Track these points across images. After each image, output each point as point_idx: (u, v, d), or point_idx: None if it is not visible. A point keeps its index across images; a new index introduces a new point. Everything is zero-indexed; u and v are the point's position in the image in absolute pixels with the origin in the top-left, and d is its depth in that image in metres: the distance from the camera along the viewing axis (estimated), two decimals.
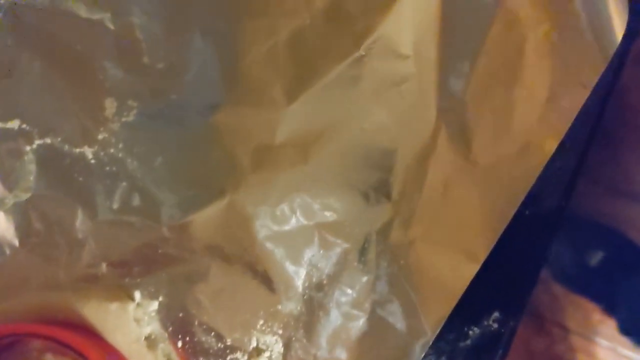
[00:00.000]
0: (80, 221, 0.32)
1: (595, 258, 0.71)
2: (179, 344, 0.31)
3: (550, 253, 0.31)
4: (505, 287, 0.31)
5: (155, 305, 0.31)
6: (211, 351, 0.31)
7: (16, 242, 0.32)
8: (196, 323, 0.31)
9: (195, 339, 0.31)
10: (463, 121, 0.30)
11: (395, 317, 0.30)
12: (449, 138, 0.30)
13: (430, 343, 0.30)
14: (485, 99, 0.30)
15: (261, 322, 0.31)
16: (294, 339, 0.31)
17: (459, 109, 0.30)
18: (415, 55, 0.30)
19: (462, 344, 0.31)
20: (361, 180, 0.31)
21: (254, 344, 0.31)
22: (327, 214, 0.31)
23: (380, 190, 0.31)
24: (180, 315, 0.31)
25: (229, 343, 0.31)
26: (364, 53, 0.31)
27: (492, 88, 0.30)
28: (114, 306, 0.31)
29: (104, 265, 0.32)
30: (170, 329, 0.31)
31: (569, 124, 0.30)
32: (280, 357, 0.30)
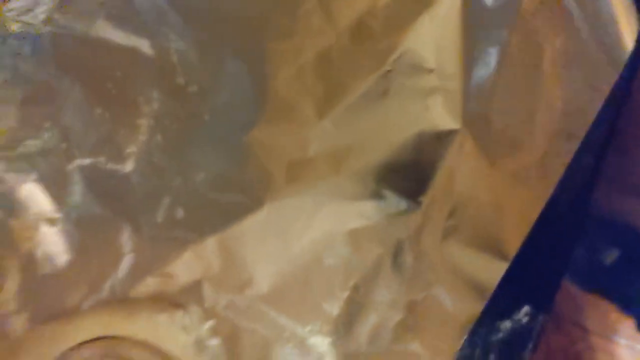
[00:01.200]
0: (126, 237, 0.34)
1: (611, 257, 0.72)
2: None
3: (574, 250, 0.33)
4: (534, 282, 0.33)
5: (200, 312, 0.33)
6: None
7: (64, 259, 0.34)
8: None
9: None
10: (487, 131, 0.32)
11: (429, 319, 0.32)
12: (475, 147, 0.32)
13: (464, 340, 0.32)
14: (508, 109, 0.32)
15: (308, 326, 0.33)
16: (335, 337, 0.32)
17: (483, 119, 0.32)
18: (439, 68, 0.32)
19: (494, 338, 0.33)
20: (392, 189, 0.32)
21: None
22: (360, 221, 0.33)
23: (411, 198, 0.32)
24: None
25: None
26: (389, 68, 0.33)
27: (513, 98, 0.32)
28: (162, 317, 0.33)
29: (149, 279, 0.34)
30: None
31: (586, 129, 0.31)
32: (323, 356, 0.32)
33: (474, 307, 0.31)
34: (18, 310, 0.33)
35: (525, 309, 0.33)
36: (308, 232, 0.33)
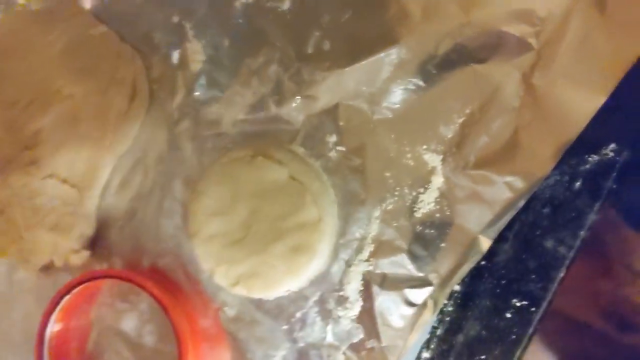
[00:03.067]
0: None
1: None
2: None
3: None
4: (620, 122, 0.38)
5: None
6: None
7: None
8: None
9: None
10: None
11: (530, 141, 0.38)
12: None
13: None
14: None
15: (424, 145, 0.40)
16: (447, 154, 0.39)
17: None
18: None
19: (582, 168, 0.39)
20: (512, 31, 0.38)
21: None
22: (482, 56, 0.38)
23: (527, 39, 0.38)
24: None
25: None
26: None
27: None
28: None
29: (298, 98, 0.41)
30: None
31: None
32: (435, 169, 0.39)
33: (569, 134, 0.37)
34: None
35: (612, 145, 0.38)
36: (436, 62, 0.39)
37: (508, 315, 0.39)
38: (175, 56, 0.42)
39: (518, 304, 0.39)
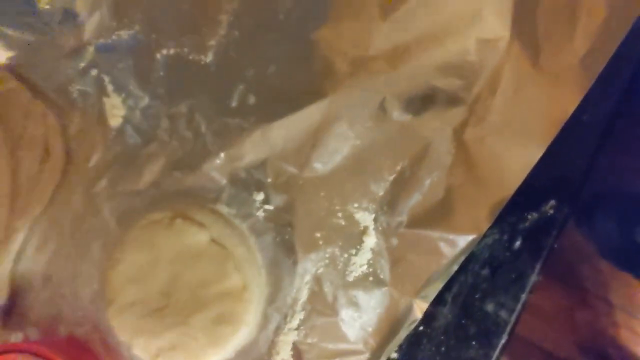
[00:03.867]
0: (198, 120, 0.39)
1: None
2: None
3: (600, 154, 0.36)
4: (560, 178, 0.36)
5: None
6: None
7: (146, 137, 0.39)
8: None
9: None
10: (534, 34, 0.35)
11: (464, 200, 0.36)
12: (521, 49, 0.35)
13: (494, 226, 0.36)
14: (554, 16, 0.35)
15: (355, 204, 0.37)
16: (379, 212, 0.37)
17: (531, 23, 0.35)
18: None
19: (521, 226, 0.37)
20: (442, 85, 0.36)
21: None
22: (408, 115, 0.37)
23: (458, 94, 0.36)
24: None
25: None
26: None
27: (559, 7, 0.35)
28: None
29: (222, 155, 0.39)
30: None
31: (626, 31, 0.34)
32: (367, 229, 0.37)
33: (505, 192, 0.35)
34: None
35: (552, 202, 0.37)
36: (363, 121, 0.37)
37: None
38: (94, 111, 0.40)
39: None
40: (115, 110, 0.39)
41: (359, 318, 0.36)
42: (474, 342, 0.37)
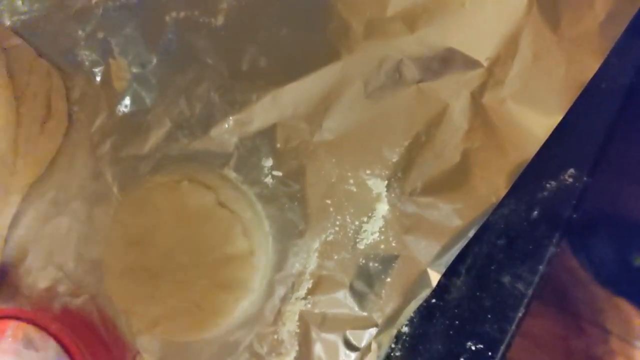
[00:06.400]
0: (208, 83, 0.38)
1: (638, 260, 0.71)
2: None
3: (619, 122, 0.35)
4: (579, 146, 0.35)
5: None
6: None
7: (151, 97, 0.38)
8: None
9: None
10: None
11: (481, 164, 0.35)
12: (541, 14, 0.35)
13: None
14: None
15: (368, 170, 0.36)
16: (392, 179, 0.36)
17: None
18: None
19: (539, 195, 0.36)
20: (461, 47, 0.35)
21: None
22: (428, 74, 0.36)
23: (478, 56, 0.35)
24: None
25: None
26: None
27: None
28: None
29: (231, 118, 0.37)
30: None
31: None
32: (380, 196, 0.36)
33: (523, 157, 0.34)
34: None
35: (571, 170, 0.36)
36: (378, 85, 0.36)
37: None
38: (99, 74, 0.39)
39: (473, 348, 0.35)
40: (121, 73, 0.38)
41: (369, 288, 0.35)
42: (489, 316, 0.35)
